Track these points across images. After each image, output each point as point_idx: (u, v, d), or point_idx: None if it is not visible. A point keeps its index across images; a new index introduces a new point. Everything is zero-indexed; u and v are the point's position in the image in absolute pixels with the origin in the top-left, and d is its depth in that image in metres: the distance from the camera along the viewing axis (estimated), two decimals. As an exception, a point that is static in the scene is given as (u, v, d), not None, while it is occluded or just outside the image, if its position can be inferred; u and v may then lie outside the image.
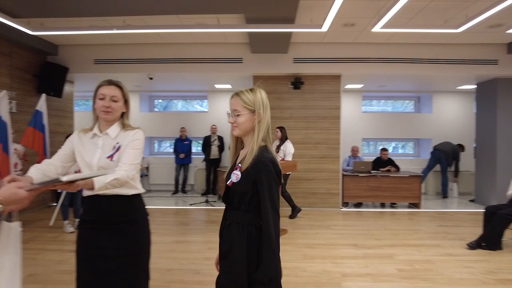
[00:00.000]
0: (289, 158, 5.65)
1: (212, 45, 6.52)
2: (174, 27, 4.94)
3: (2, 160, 4.21)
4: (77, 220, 5.13)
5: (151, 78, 6.76)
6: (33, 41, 5.93)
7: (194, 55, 6.54)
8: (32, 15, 4.61)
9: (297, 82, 6.56)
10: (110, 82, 1.84)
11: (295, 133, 6.76)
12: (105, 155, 1.78)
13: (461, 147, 8.25)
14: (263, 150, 1.50)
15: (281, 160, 5.42)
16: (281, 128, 5.90)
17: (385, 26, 4.88)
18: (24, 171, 5.49)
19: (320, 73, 6.63)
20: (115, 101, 1.81)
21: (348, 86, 8.06)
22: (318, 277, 3.49)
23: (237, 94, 1.54)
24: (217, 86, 8.49)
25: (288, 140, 5.83)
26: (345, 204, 7.00)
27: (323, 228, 5.43)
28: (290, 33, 5.35)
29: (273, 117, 6.65)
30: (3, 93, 4.33)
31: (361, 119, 9.08)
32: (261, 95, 1.54)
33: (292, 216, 5.94)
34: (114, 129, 1.83)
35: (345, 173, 6.97)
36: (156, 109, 10.41)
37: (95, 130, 1.84)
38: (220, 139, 8.43)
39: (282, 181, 1.90)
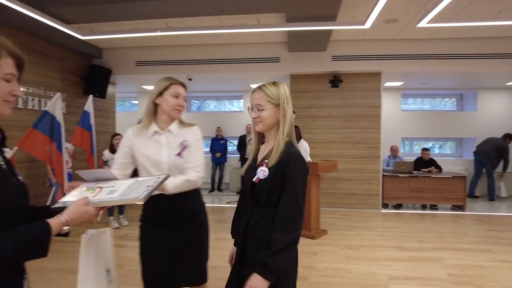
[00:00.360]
0: (306, 157, 5.54)
1: (249, 45, 6.56)
2: (215, 28, 5.01)
3: (57, 158, 4.45)
4: (121, 216, 5.38)
5: (190, 79, 6.90)
6: (80, 45, 6.24)
7: (232, 56, 6.60)
8: (83, 20, 4.86)
9: (335, 80, 6.46)
10: (180, 82, 1.90)
11: (333, 132, 6.66)
12: (173, 152, 1.82)
13: (509, 138, 7.67)
14: (290, 145, 1.47)
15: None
16: (295, 127, 5.78)
17: (432, 21, 4.68)
18: (74, 168, 5.79)
19: (360, 71, 6.49)
20: (185, 101, 1.90)
21: (387, 84, 7.83)
22: (364, 279, 3.42)
23: (259, 88, 1.50)
24: (253, 85, 8.53)
25: (302, 139, 5.70)
26: (385, 206, 6.81)
27: (364, 229, 5.31)
28: (330, 30, 5.28)
29: (310, 116, 6.64)
30: (57, 95, 4.58)
31: (400, 117, 8.78)
32: (284, 89, 1.50)
33: None
34: (175, 126, 1.88)
35: (385, 173, 6.78)
36: (192, 110, 10.63)
37: (155, 127, 1.84)
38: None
39: None
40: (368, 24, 4.69)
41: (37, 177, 5.44)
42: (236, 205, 1.76)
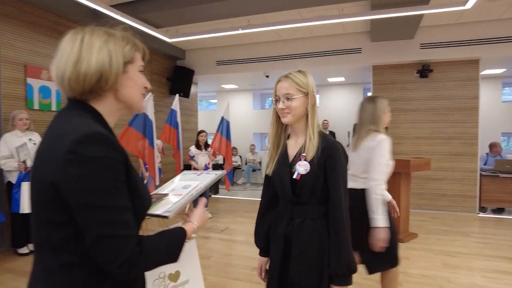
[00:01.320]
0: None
1: (328, 37, 6.33)
2: (294, 22, 4.92)
3: (149, 154, 4.80)
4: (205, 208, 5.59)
5: (267, 76, 6.93)
6: (166, 48, 6.66)
7: (310, 50, 6.44)
8: (170, 24, 5.16)
9: (424, 70, 5.90)
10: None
11: (422, 127, 6.10)
12: None
13: None
14: (325, 135, 1.40)
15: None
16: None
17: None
18: (163, 163, 6.23)
19: (453, 59, 5.82)
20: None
21: (486, 72, 6.93)
22: (468, 291, 3.04)
23: (286, 76, 1.40)
24: (330, 79, 8.26)
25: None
26: (483, 209, 6.04)
27: (459, 234, 4.76)
28: (421, 16, 4.81)
29: (396, 110, 6.15)
30: (149, 95, 4.93)
31: (501, 110, 7.74)
32: (311, 77, 1.43)
33: None
34: None
35: (483, 173, 6.01)
36: (267, 106, 10.72)
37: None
38: (332, 134, 8.20)
39: None
40: (469, 4, 4.16)
41: (131, 170, 5.95)
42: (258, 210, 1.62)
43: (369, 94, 9.19)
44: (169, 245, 0.90)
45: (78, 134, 0.76)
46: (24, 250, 3.90)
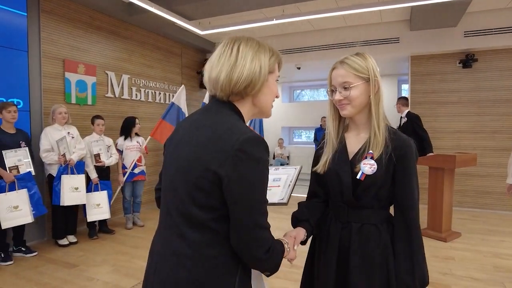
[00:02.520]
0: None
1: (364, 26, 6.06)
2: (331, 10, 4.72)
3: None
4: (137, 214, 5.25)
5: (299, 68, 6.77)
6: (196, 41, 6.62)
7: (344, 40, 6.20)
8: (203, 15, 5.09)
9: (468, 60, 5.54)
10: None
11: (464, 120, 5.76)
12: None
13: None
14: (395, 130, 1.22)
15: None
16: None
17: None
18: (148, 165, 6.19)
19: (502, 47, 5.42)
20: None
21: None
22: (526, 297, 2.82)
23: (342, 62, 1.21)
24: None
25: None
26: (531, 208, 5.66)
27: (507, 235, 4.46)
28: (469, 1, 4.48)
29: (435, 102, 5.83)
30: (181, 87, 4.92)
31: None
32: (372, 59, 1.22)
33: None
34: None
35: (532, 169, 5.61)
36: (296, 99, 10.56)
37: None
38: None
39: None
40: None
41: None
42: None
43: (405, 86, 8.81)
44: (281, 254, 1.00)
45: (246, 135, 0.87)
46: (64, 241, 4.00)
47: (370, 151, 1.19)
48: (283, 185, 1.27)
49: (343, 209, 1.26)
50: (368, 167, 1.17)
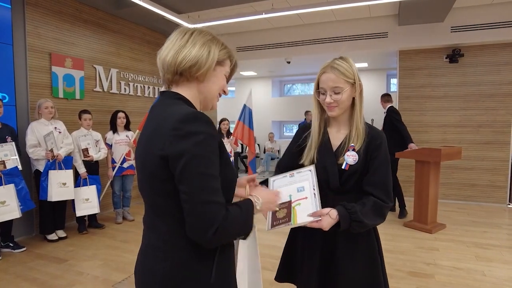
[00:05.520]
0: None
1: (353, 21, 6.10)
2: (320, 5, 4.74)
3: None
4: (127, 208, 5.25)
5: (288, 62, 6.78)
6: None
7: (334, 34, 6.23)
8: (192, 9, 5.05)
9: (455, 55, 5.63)
10: None
11: (450, 114, 5.87)
12: None
13: None
14: (369, 125, 1.40)
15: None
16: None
17: None
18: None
19: (489, 42, 5.51)
20: None
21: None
22: (504, 285, 2.92)
23: (332, 67, 1.32)
24: (356, 65, 8.03)
25: None
26: (514, 200, 5.83)
27: (490, 226, 4.60)
28: (456, -4, 4.54)
29: (423, 97, 5.93)
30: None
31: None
32: (352, 62, 1.36)
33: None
34: None
35: (515, 162, 5.77)
36: (287, 94, 10.58)
37: None
38: None
39: None
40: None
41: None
42: None
43: (394, 80, 8.90)
44: (246, 215, 0.98)
45: (181, 114, 0.88)
46: (53, 236, 3.99)
47: (352, 144, 1.35)
48: (309, 195, 1.27)
49: (329, 196, 1.38)
50: (351, 158, 1.34)
